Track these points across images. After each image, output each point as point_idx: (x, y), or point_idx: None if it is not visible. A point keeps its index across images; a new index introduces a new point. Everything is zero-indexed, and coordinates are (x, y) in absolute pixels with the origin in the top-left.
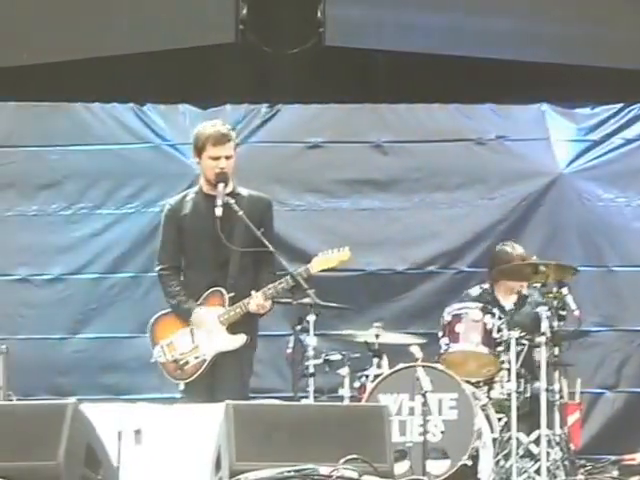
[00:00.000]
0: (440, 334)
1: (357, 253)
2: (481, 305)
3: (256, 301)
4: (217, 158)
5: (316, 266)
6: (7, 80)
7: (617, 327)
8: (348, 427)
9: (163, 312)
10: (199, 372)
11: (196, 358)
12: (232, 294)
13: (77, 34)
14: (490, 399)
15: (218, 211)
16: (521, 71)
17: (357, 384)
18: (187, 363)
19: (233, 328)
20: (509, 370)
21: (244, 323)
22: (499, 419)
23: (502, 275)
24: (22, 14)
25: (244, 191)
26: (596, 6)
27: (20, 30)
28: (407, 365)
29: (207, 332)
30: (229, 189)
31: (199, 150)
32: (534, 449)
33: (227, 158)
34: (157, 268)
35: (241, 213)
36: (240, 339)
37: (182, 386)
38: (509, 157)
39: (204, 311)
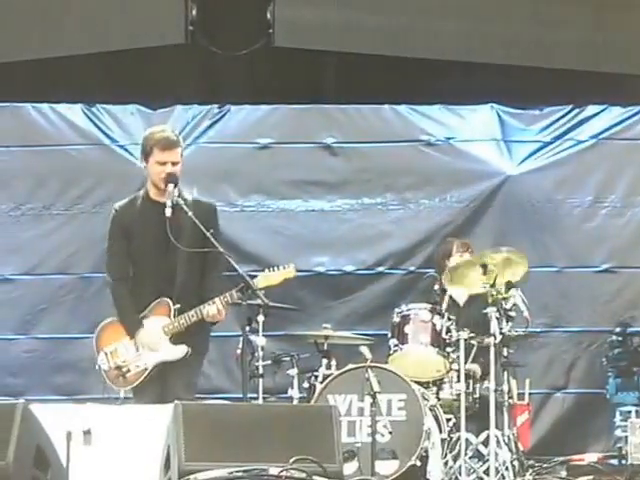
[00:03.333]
0: (389, 335)
1: (306, 254)
2: (430, 306)
3: (212, 309)
4: (164, 163)
5: (261, 282)
6: None
7: (566, 328)
8: (297, 427)
9: (110, 320)
10: (140, 380)
11: (137, 367)
12: (178, 305)
13: (26, 34)
14: (439, 400)
15: (168, 212)
16: (471, 72)
17: (306, 385)
18: (129, 371)
19: (178, 338)
20: (458, 371)
21: (192, 332)
22: (448, 420)
23: (451, 281)
24: None
25: (189, 196)
26: (546, 8)
27: None
28: (356, 366)
29: (150, 341)
30: (176, 193)
31: (146, 154)
32: (483, 449)
33: (174, 164)
34: (107, 279)
35: (190, 214)
36: (181, 350)
37: (122, 393)
38: (459, 158)
39: (148, 324)
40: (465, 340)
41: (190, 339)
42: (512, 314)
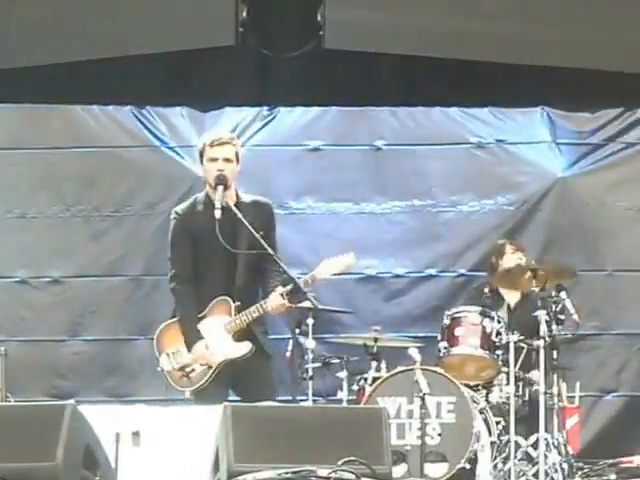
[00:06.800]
0: (439, 337)
1: (356, 256)
2: (480, 309)
3: (275, 300)
4: (215, 159)
5: (322, 273)
6: (6, 82)
7: (616, 331)
8: (347, 429)
9: (170, 321)
10: (205, 379)
11: (202, 365)
12: (238, 303)
13: (76, 36)
14: (488, 402)
15: (217, 213)
16: (522, 74)
17: (356, 387)
18: (193, 371)
19: (241, 336)
20: (508, 374)
21: (256, 333)
22: (497, 422)
23: (501, 282)
24: (21, 16)
25: (247, 197)
26: (598, 9)
27: (19, 32)
28: (406, 368)
29: (213, 340)
30: (232, 196)
31: (201, 154)
32: (532, 452)
33: (226, 160)
34: (170, 285)
35: (240, 216)
36: (245, 346)
37: (188, 394)
38: (509, 161)
39: (209, 323)
40: (515, 343)
41: (255, 340)
42: (562, 317)
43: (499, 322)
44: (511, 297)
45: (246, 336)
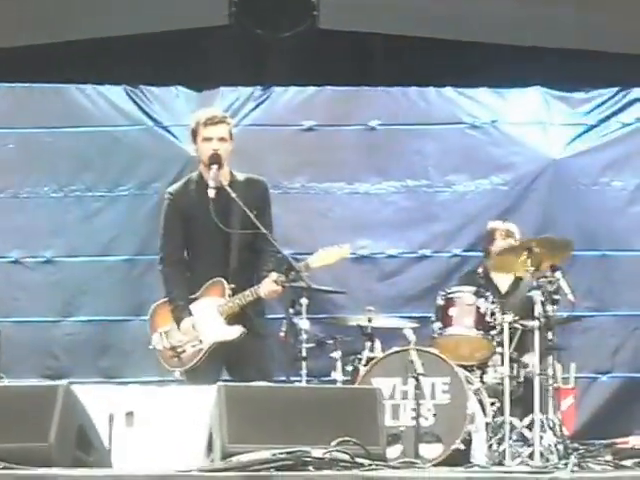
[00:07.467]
0: (433, 318)
1: (350, 236)
2: (474, 289)
3: (269, 286)
4: (209, 139)
5: (315, 262)
6: None
7: (612, 312)
8: (341, 410)
9: (164, 300)
10: (195, 361)
11: (193, 347)
12: (232, 285)
13: (70, 16)
14: (483, 383)
15: (211, 193)
16: (517, 55)
17: (350, 368)
18: (184, 351)
19: (234, 319)
20: (502, 354)
21: (251, 315)
22: (492, 403)
23: (496, 266)
24: None
25: (240, 176)
26: None
27: (13, 11)
28: (400, 349)
29: (205, 322)
30: (226, 175)
31: (194, 134)
32: (527, 433)
33: (220, 140)
34: (159, 266)
35: (234, 195)
36: (236, 330)
37: (177, 374)
38: (503, 141)
39: (202, 304)
40: (509, 324)
41: (249, 322)
42: (557, 297)
43: (493, 303)
44: (503, 282)
45: (238, 319)
